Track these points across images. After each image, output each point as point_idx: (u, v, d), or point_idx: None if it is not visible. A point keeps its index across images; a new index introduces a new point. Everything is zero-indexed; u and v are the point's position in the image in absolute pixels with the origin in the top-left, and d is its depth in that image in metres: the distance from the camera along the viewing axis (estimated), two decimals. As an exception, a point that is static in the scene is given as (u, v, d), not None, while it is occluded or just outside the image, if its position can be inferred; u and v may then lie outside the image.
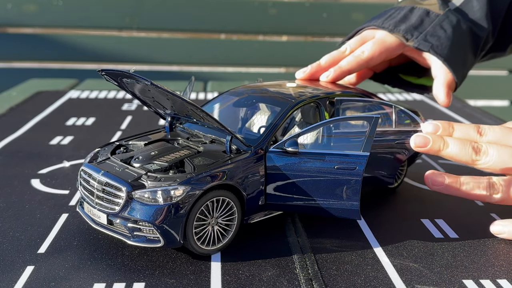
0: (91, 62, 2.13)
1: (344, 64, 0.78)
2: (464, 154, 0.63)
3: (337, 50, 0.81)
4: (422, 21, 0.78)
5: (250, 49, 2.19)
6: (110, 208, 0.57)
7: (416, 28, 0.78)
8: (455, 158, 0.64)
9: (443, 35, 0.76)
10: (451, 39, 0.77)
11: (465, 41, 0.79)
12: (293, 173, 0.60)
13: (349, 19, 2.13)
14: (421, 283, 0.53)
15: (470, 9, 0.80)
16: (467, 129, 0.65)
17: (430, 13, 0.79)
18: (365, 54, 0.78)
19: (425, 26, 0.78)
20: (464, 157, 0.63)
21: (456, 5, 0.80)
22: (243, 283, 0.52)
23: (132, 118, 1.15)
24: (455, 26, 0.77)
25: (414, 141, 0.64)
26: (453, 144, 0.63)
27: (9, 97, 1.37)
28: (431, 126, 0.66)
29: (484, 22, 0.80)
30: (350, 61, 0.78)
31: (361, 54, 0.78)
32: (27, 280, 0.52)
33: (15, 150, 0.92)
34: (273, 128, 0.62)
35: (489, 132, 0.65)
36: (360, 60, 0.78)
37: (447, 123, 0.66)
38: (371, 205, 0.65)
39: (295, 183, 0.60)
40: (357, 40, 0.82)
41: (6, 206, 0.69)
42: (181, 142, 0.65)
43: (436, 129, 0.65)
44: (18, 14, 2.04)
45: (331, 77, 0.77)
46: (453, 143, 0.63)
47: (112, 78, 0.61)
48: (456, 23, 0.78)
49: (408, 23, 0.78)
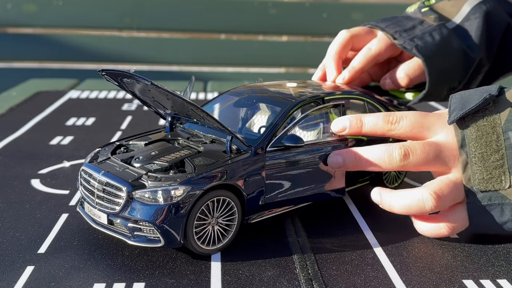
0: (91, 62, 2.12)
1: (356, 63, 0.80)
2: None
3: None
4: (414, 27, 0.81)
5: (250, 49, 2.18)
6: (111, 208, 0.57)
7: (406, 31, 0.81)
8: (373, 129, 0.63)
9: (430, 40, 0.79)
10: (437, 45, 0.79)
11: (453, 56, 0.81)
12: (292, 167, 0.62)
13: (349, 19, 2.13)
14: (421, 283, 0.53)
15: (464, 31, 0.83)
16: (376, 119, 0.64)
17: (423, 23, 0.82)
18: (373, 49, 0.81)
19: (416, 32, 0.80)
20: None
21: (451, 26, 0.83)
22: (243, 283, 0.52)
23: (132, 118, 1.15)
24: (445, 37, 0.80)
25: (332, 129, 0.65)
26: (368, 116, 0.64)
27: (9, 97, 1.36)
28: (338, 126, 0.65)
29: (477, 44, 0.82)
30: (360, 59, 0.80)
31: (368, 51, 0.81)
32: (27, 280, 0.52)
33: (15, 150, 0.92)
34: (273, 128, 0.62)
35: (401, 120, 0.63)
36: (369, 56, 0.80)
37: (355, 117, 0.64)
38: (371, 205, 0.65)
39: (294, 177, 0.62)
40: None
41: (6, 206, 0.69)
42: (181, 142, 0.65)
43: (343, 129, 0.64)
44: (18, 14, 2.04)
45: (347, 78, 0.80)
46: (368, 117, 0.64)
47: (112, 78, 0.61)
48: (446, 35, 0.80)
49: (400, 26, 0.82)
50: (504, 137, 0.57)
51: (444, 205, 0.59)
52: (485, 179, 0.57)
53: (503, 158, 0.57)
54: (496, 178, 0.57)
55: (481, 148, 0.57)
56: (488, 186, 0.57)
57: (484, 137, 0.57)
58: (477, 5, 0.84)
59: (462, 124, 0.59)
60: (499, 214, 0.58)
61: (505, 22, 0.86)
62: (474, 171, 0.58)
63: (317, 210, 0.68)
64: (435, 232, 0.61)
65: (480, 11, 0.83)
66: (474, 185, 0.58)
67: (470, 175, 0.58)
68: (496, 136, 0.57)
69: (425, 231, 0.62)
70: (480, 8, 0.83)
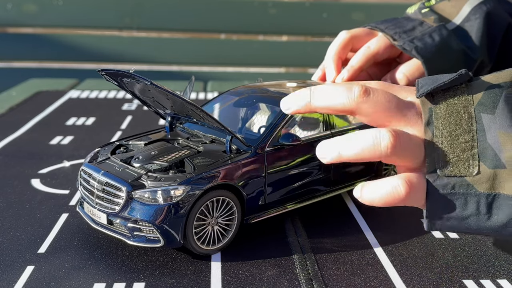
0: (91, 62, 2.12)
1: (354, 62, 0.80)
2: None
3: None
4: (414, 28, 0.81)
5: (250, 49, 2.19)
6: (110, 208, 0.57)
7: (406, 32, 0.80)
8: (332, 105, 0.51)
9: (430, 42, 0.78)
10: (436, 47, 0.78)
11: (453, 57, 0.80)
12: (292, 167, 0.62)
13: (349, 19, 2.13)
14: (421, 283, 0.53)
15: (464, 32, 0.82)
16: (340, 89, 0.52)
17: (423, 24, 0.82)
18: (371, 48, 0.81)
19: (415, 33, 0.80)
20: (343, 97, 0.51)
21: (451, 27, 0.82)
22: (243, 283, 0.52)
23: (132, 118, 1.15)
24: (445, 38, 0.79)
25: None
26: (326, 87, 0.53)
27: (9, 97, 1.36)
28: (287, 103, 0.54)
29: (477, 46, 0.81)
30: (359, 58, 0.80)
31: (367, 49, 0.81)
32: (27, 280, 0.52)
33: (15, 150, 0.92)
34: (273, 128, 0.62)
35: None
36: (368, 54, 0.80)
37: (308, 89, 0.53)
38: (371, 206, 0.65)
39: (294, 176, 0.63)
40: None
41: (6, 206, 0.69)
42: (181, 142, 0.65)
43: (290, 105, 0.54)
44: (18, 14, 2.04)
45: (346, 78, 0.79)
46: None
47: (112, 78, 0.61)
48: (446, 36, 0.80)
49: (400, 27, 0.81)
50: (476, 119, 0.50)
51: (401, 149, 0.49)
52: (451, 162, 0.50)
53: (473, 140, 0.50)
54: (463, 162, 0.49)
55: (450, 127, 0.50)
56: (454, 170, 0.49)
57: (454, 115, 0.50)
58: (477, 5, 0.84)
59: (431, 100, 0.51)
60: (461, 207, 0.49)
61: (506, 22, 0.86)
62: (439, 152, 0.50)
63: (317, 210, 0.68)
64: (389, 190, 0.50)
65: (480, 11, 0.83)
66: (438, 167, 0.49)
67: (435, 157, 0.50)
68: (467, 116, 0.50)
69: (376, 190, 0.51)
70: (481, 9, 0.83)
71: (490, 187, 0.48)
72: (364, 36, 0.83)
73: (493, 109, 0.49)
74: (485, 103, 0.50)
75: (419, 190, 0.50)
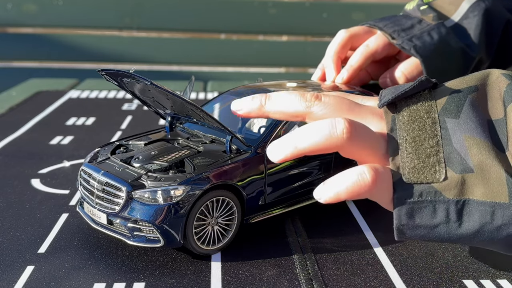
0: (91, 62, 2.12)
1: (354, 62, 0.80)
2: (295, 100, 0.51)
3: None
4: (413, 26, 0.81)
5: (250, 49, 2.18)
6: (110, 208, 0.57)
7: (405, 30, 0.80)
8: (284, 110, 0.51)
9: (429, 40, 0.78)
10: (435, 45, 0.78)
11: (452, 55, 0.80)
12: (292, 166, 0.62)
13: (349, 19, 2.13)
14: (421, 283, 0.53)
15: (463, 29, 0.82)
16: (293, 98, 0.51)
17: (422, 22, 0.81)
18: (370, 46, 0.80)
19: (414, 31, 0.80)
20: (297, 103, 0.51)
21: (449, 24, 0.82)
22: (243, 283, 0.52)
23: (132, 118, 1.15)
24: (443, 37, 0.79)
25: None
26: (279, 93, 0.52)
27: (9, 97, 1.36)
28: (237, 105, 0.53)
29: (476, 43, 0.81)
30: (358, 57, 0.80)
31: (366, 48, 0.80)
32: (27, 280, 0.52)
33: (15, 150, 0.92)
34: (273, 128, 0.62)
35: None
36: (367, 53, 0.80)
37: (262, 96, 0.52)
38: (371, 206, 0.65)
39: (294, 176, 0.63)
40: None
41: (6, 206, 0.69)
42: (181, 142, 0.65)
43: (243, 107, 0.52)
44: (18, 14, 2.04)
45: (345, 78, 0.79)
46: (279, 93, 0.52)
47: (112, 78, 0.61)
48: (445, 35, 0.79)
49: (399, 25, 0.81)
50: (440, 124, 0.48)
51: (359, 136, 0.47)
52: (417, 168, 0.47)
53: (438, 145, 0.48)
54: (429, 168, 0.47)
55: (413, 132, 0.48)
56: (420, 177, 0.47)
57: (418, 121, 0.49)
58: (476, 2, 0.83)
59: (393, 109, 0.49)
60: (430, 215, 0.47)
61: (505, 18, 0.85)
62: (404, 158, 0.47)
63: (317, 210, 0.68)
64: (355, 178, 0.47)
65: (479, 8, 0.82)
66: (404, 174, 0.47)
67: (400, 163, 0.47)
68: (431, 121, 0.49)
69: (341, 181, 0.48)
70: (479, 6, 0.83)
71: (459, 193, 0.46)
72: (363, 34, 0.83)
73: (457, 113, 0.48)
74: (449, 108, 0.48)
75: (385, 180, 0.47)
